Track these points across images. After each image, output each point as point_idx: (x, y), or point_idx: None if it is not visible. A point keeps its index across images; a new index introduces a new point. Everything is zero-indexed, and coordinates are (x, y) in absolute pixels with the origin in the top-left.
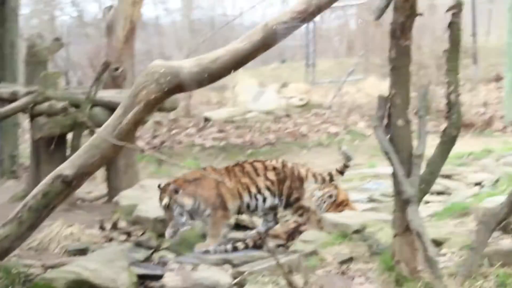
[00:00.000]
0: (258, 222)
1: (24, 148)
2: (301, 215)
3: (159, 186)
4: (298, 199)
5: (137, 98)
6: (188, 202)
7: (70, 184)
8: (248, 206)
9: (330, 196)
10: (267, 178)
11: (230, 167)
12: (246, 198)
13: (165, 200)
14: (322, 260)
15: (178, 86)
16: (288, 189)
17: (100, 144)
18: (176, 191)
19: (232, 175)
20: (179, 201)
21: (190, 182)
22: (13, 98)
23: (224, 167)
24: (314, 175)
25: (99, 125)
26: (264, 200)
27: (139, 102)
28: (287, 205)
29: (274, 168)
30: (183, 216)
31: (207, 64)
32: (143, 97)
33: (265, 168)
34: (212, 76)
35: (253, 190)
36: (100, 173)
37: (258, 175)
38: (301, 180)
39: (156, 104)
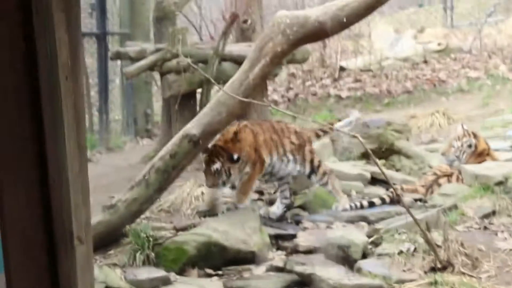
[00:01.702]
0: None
1: (160, 106)
2: (326, 183)
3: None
4: (320, 164)
5: (263, 51)
6: (235, 170)
7: (197, 143)
8: (273, 167)
9: (470, 146)
10: (291, 141)
11: (262, 122)
12: (274, 157)
13: (217, 165)
14: (463, 214)
15: (305, 36)
16: (310, 154)
17: (226, 100)
18: (232, 160)
19: (266, 129)
20: (230, 170)
21: (234, 141)
22: (140, 56)
23: (255, 121)
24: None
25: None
26: (287, 163)
27: (266, 55)
28: (312, 172)
29: (296, 132)
30: (225, 185)
31: (334, 12)
32: (269, 49)
33: (289, 130)
34: (340, 24)
35: (281, 150)
36: None
37: (284, 136)
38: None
39: (283, 56)
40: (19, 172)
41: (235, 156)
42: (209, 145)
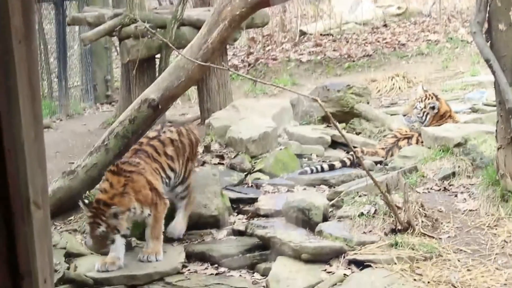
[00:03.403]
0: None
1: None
2: (183, 198)
3: (83, 201)
4: (190, 174)
5: (222, 15)
6: (125, 225)
7: (156, 108)
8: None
9: (433, 108)
10: (167, 156)
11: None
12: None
13: (102, 228)
14: (423, 176)
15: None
16: (186, 162)
17: (185, 65)
18: (115, 216)
19: (148, 155)
20: (118, 227)
21: (122, 193)
22: (98, 22)
23: (131, 153)
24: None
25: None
26: (169, 181)
27: (224, 19)
28: (183, 181)
29: (172, 141)
30: (116, 242)
31: None
32: (228, 13)
33: (163, 145)
34: None
35: (163, 174)
36: (195, 94)
37: (159, 154)
38: (196, 145)
39: (242, 20)
40: None
41: (119, 211)
42: (93, 202)
